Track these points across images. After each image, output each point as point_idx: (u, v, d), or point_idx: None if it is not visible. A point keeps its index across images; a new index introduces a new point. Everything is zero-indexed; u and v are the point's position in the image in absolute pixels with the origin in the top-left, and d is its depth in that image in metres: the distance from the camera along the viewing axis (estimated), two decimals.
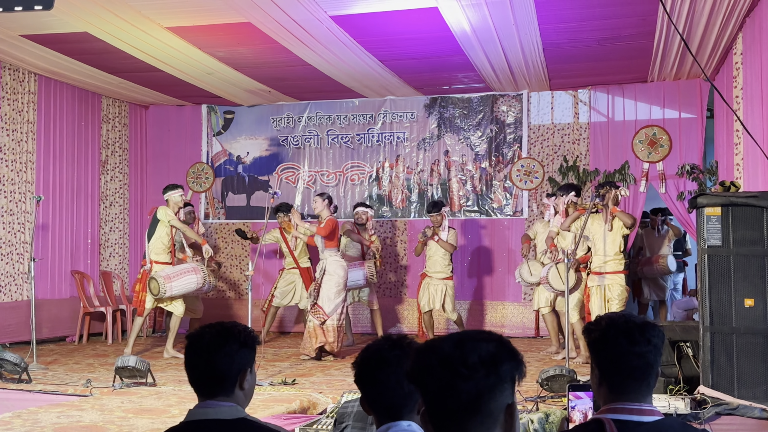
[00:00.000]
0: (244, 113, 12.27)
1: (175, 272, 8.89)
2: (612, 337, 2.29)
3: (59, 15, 7.77)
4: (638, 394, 2.28)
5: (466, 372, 1.64)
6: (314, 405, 6.27)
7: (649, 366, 2.28)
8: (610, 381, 2.30)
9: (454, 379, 1.64)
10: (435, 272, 9.63)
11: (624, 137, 10.77)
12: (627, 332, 2.27)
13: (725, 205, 5.97)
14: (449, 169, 11.53)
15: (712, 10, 7.53)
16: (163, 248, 9.10)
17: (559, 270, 8.35)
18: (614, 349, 2.28)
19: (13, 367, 7.19)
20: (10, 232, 9.98)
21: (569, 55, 9.45)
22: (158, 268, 8.96)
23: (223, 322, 2.56)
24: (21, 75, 10.18)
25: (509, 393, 1.68)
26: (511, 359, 1.69)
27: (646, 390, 2.30)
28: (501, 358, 1.67)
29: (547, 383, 6.32)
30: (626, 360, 2.26)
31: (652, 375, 2.29)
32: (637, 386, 2.28)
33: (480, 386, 1.64)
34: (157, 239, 9.07)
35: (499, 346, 1.69)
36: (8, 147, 9.99)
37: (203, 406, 2.44)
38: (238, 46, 9.11)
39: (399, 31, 8.58)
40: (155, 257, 9.04)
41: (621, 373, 2.28)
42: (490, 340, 1.69)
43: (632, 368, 2.26)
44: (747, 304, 5.89)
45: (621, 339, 2.27)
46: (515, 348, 1.72)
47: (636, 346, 2.26)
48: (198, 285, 9.04)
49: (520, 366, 1.71)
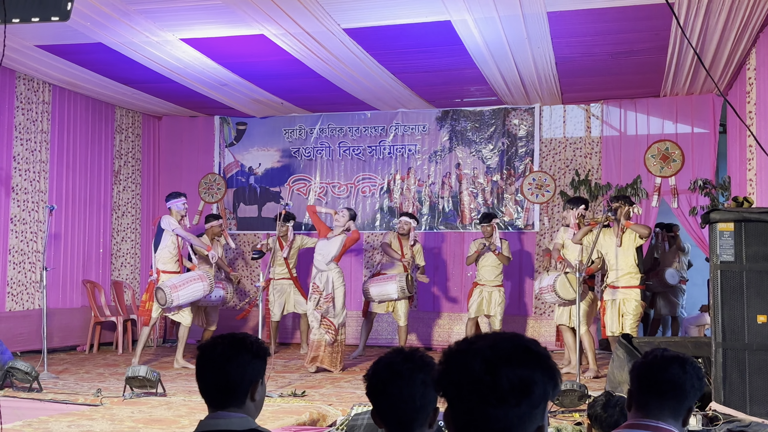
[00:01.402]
0: (257, 125, 12.32)
1: (181, 281, 8.87)
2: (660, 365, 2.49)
3: (74, 26, 7.82)
4: (661, 413, 2.34)
5: (496, 401, 1.53)
6: (324, 417, 6.26)
7: (679, 388, 2.40)
8: (637, 399, 2.41)
9: (483, 404, 1.54)
10: (488, 280, 9.68)
11: (636, 152, 10.74)
12: (680, 361, 2.50)
13: (738, 221, 5.94)
14: (460, 182, 11.52)
15: (726, 25, 7.52)
16: (170, 257, 9.09)
17: (569, 279, 8.33)
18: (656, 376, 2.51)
19: (24, 376, 7.21)
20: (22, 241, 10.03)
21: (582, 69, 9.45)
22: (165, 277, 8.96)
23: (235, 333, 2.56)
24: (36, 85, 10.25)
25: (541, 415, 1.57)
26: (547, 380, 1.56)
27: (669, 412, 2.37)
28: (535, 380, 1.54)
29: (558, 398, 6.28)
30: (657, 380, 2.39)
31: (682, 398, 2.40)
32: (660, 404, 2.34)
33: (510, 415, 1.54)
34: (164, 248, 9.07)
35: (536, 367, 1.55)
36: (22, 156, 10.05)
37: (214, 417, 2.43)
38: (251, 58, 9.15)
39: (411, 44, 8.60)
40: (162, 266, 9.04)
41: (649, 392, 2.37)
42: (527, 363, 1.55)
43: (663, 389, 2.36)
44: (760, 321, 5.85)
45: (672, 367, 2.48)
46: (553, 364, 1.58)
47: (671, 373, 2.48)
48: (205, 292, 9.04)
49: (556, 386, 1.58)
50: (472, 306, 9.70)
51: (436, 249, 11.58)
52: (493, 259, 9.60)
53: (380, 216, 11.77)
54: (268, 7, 7.37)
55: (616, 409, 4.23)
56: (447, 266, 11.51)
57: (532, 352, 1.57)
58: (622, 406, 4.27)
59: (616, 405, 4.26)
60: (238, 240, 12.17)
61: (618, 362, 6.47)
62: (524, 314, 11.17)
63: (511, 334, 1.61)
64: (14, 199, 9.93)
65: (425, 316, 11.46)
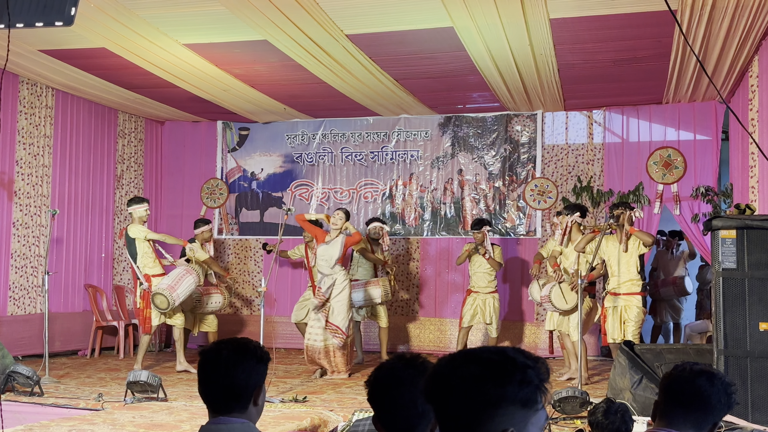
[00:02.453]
0: (259, 130, 12.33)
1: (174, 280, 8.80)
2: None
3: (78, 30, 7.84)
4: (684, 424, 2.37)
5: (444, 396, 1.58)
6: (325, 423, 6.25)
7: (705, 401, 2.43)
8: (662, 409, 2.45)
9: (441, 401, 1.58)
10: (480, 287, 9.70)
11: (638, 158, 10.74)
12: (709, 375, 2.55)
13: (740, 228, 5.94)
14: (462, 188, 11.52)
15: (728, 32, 7.53)
16: (152, 261, 9.03)
17: (562, 289, 8.35)
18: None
19: (25, 380, 7.22)
20: (24, 245, 10.04)
21: (584, 76, 9.46)
22: (156, 281, 8.92)
23: (237, 338, 2.56)
24: (39, 89, 10.27)
25: (504, 419, 1.54)
26: (497, 382, 1.53)
27: (692, 424, 2.41)
28: (484, 379, 1.54)
29: (559, 405, 6.28)
30: (683, 391, 2.43)
31: (707, 410, 2.44)
32: (684, 416, 2.39)
33: (461, 410, 1.55)
34: (144, 255, 8.99)
35: (486, 367, 1.55)
36: (25, 161, 10.06)
37: (215, 423, 2.43)
38: (254, 63, 9.16)
39: (414, 50, 8.61)
40: (150, 271, 8.98)
41: (675, 403, 2.41)
42: (478, 361, 1.56)
43: (688, 400, 2.40)
44: (762, 328, 5.84)
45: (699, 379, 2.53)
46: (513, 367, 1.55)
47: (698, 385, 2.52)
48: (197, 283, 9.03)
49: (520, 387, 1.54)
50: (465, 316, 9.71)
51: (437, 255, 11.57)
52: (485, 264, 9.62)
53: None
54: (271, 13, 7.37)
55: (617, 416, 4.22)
56: (449, 272, 11.51)
57: (495, 355, 1.58)
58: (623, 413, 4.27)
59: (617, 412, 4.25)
60: (240, 245, 12.18)
61: (620, 369, 6.47)
62: (524, 321, 11.16)
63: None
64: (17, 203, 9.94)
65: (427, 322, 11.46)
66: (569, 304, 8.31)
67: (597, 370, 9.41)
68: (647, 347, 7.02)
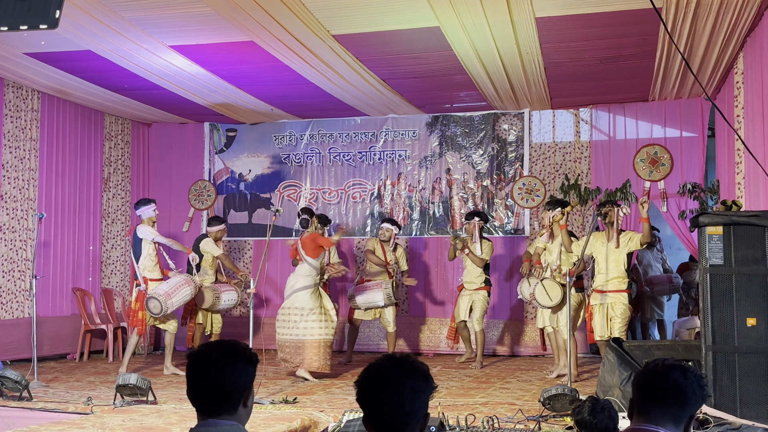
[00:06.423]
0: (247, 131, 12.31)
1: (171, 288, 8.78)
2: None
3: (63, 33, 7.81)
4: (662, 418, 2.39)
5: None
6: (315, 424, 6.25)
7: (680, 394, 2.46)
8: (638, 406, 2.47)
9: None
10: (468, 282, 9.76)
11: (625, 156, 10.78)
12: (682, 368, 2.60)
13: (727, 224, 5.97)
14: (451, 187, 11.54)
15: (713, 29, 7.57)
16: (153, 265, 9.00)
17: (545, 286, 8.36)
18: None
19: (14, 385, 7.17)
20: (12, 249, 9.99)
21: (571, 74, 9.49)
22: (153, 285, 8.89)
23: (225, 341, 2.57)
24: (24, 93, 10.22)
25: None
26: None
27: (670, 418, 2.44)
28: None
29: (549, 402, 6.28)
30: (658, 386, 2.45)
31: (683, 403, 2.47)
32: (662, 410, 2.41)
33: None
34: (146, 257, 8.98)
35: None
36: (11, 164, 10.01)
37: (204, 425, 2.43)
38: (241, 64, 9.15)
39: (401, 50, 8.62)
40: (148, 275, 8.96)
41: (651, 398, 2.43)
42: None
43: (664, 395, 2.42)
44: (749, 324, 5.88)
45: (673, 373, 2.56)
46: None
47: (672, 378, 2.56)
48: (192, 295, 9.03)
49: None
50: (456, 311, 9.85)
51: (426, 254, 11.59)
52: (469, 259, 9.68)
53: (371, 222, 11.77)
54: (257, 14, 7.37)
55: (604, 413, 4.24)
56: (438, 271, 11.52)
57: None
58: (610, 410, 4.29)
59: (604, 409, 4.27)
60: (228, 247, 12.14)
61: (608, 366, 6.49)
62: (515, 318, 11.18)
63: None
64: (3, 207, 9.89)
65: (415, 321, 11.47)
66: (553, 300, 8.32)
67: (586, 368, 9.44)
68: (636, 344, 7.06)
